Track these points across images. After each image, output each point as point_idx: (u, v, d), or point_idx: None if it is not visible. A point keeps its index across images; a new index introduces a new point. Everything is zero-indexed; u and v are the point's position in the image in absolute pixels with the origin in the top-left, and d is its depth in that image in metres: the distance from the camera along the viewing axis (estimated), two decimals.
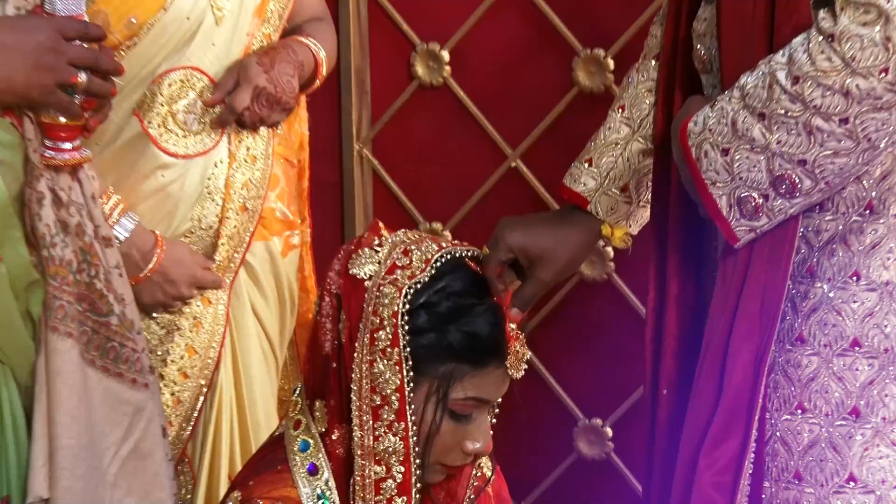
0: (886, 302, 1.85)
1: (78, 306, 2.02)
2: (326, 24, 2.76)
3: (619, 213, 2.17)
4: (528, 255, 2.12)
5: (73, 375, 2.00)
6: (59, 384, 1.98)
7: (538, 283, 2.14)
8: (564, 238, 2.15)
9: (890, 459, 1.86)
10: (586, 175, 2.17)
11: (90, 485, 2.02)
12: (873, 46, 1.69)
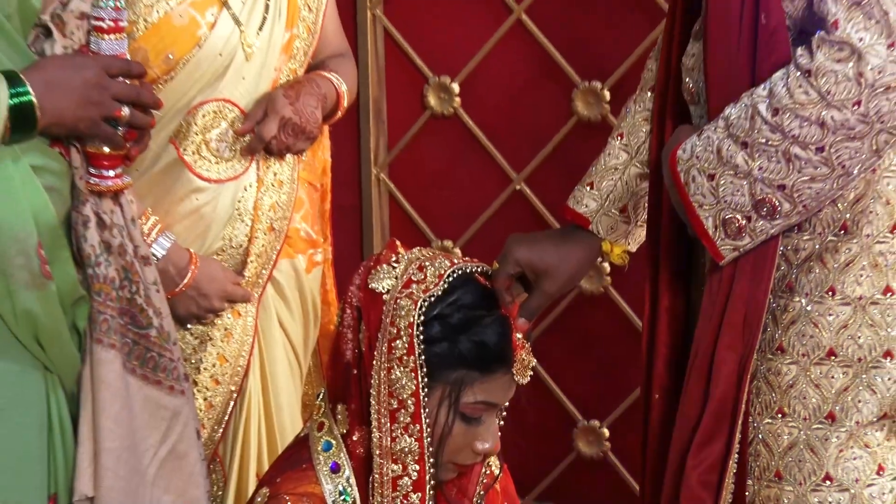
0: (859, 315, 1.85)
1: (120, 320, 2.01)
2: (348, 60, 2.75)
3: (619, 232, 2.17)
4: (534, 269, 2.12)
5: (116, 383, 2.00)
6: (104, 391, 1.98)
7: (543, 295, 2.14)
8: (567, 254, 2.15)
9: (863, 460, 1.87)
10: (588, 197, 2.17)
11: (131, 484, 2.01)
12: (847, 81, 1.70)
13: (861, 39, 1.69)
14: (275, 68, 2.56)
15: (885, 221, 1.84)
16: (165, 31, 2.42)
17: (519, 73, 3.24)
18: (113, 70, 1.92)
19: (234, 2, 2.48)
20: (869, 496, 1.88)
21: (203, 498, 2.14)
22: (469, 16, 3.25)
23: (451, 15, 3.26)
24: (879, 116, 1.72)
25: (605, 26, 3.13)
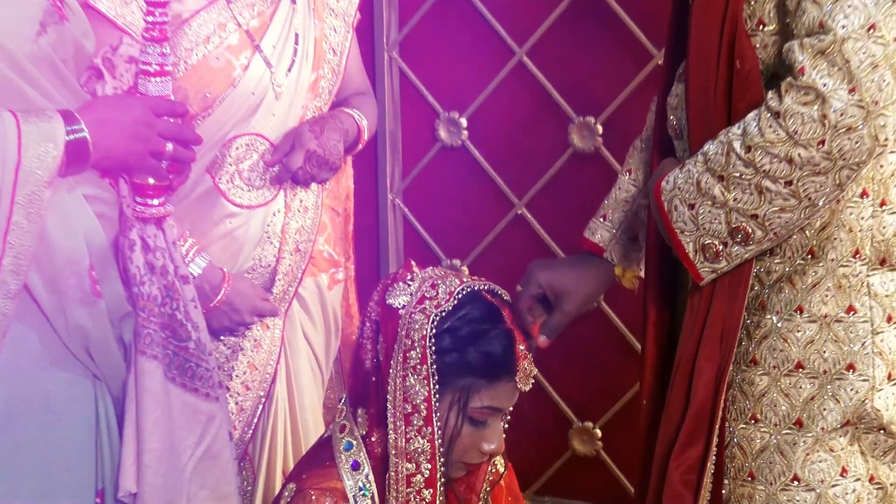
0: (825, 331, 1.85)
1: (162, 333, 2.01)
2: (368, 98, 2.75)
3: (630, 259, 2.18)
4: (555, 291, 2.13)
5: (158, 391, 2.00)
6: (146, 398, 1.99)
7: (564, 314, 2.15)
8: (584, 278, 2.16)
9: (828, 463, 1.86)
10: (602, 229, 2.17)
11: (169, 481, 2.01)
12: (812, 122, 1.70)
13: (825, 85, 1.69)
14: (302, 106, 2.55)
15: (848, 247, 1.84)
16: (203, 72, 2.42)
17: (520, 109, 3.23)
18: (159, 110, 1.92)
19: (266, 46, 2.48)
20: (833, 495, 1.87)
21: (234, 493, 2.14)
22: (475, 57, 3.24)
23: (459, 56, 3.26)
24: (842, 154, 1.72)
25: (597, 67, 3.12)
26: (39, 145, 1.79)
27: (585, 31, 3.11)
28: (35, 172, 1.78)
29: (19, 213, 1.78)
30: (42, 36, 1.85)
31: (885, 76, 1.68)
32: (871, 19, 1.68)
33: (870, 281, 1.84)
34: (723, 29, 1.82)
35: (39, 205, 1.79)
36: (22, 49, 1.82)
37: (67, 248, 1.86)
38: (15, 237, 1.78)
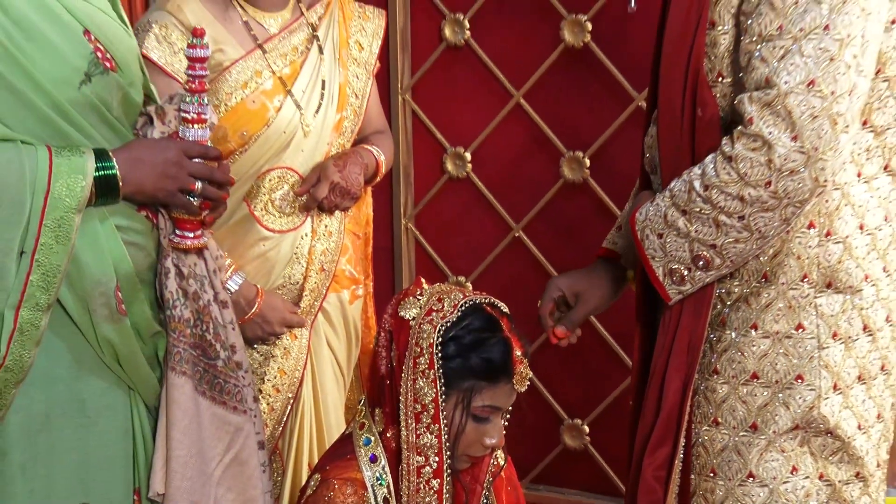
0: (777, 346, 1.85)
1: (192, 352, 1.99)
2: (386, 136, 2.74)
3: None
4: (575, 292, 2.14)
5: (186, 403, 1.98)
6: (174, 409, 1.96)
7: (584, 309, 2.15)
8: (598, 281, 2.16)
9: (779, 462, 1.87)
10: (619, 237, 2.16)
11: (196, 484, 1.99)
12: (760, 166, 1.71)
13: (770, 133, 1.70)
14: (327, 143, 2.56)
15: (796, 272, 1.84)
16: (241, 113, 2.44)
17: (517, 144, 3.22)
18: (192, 152, 1.91)
19: (296, 91, 2.49)
20: (784, 491, 1.87)
21: (259, 498, 2.10)
22: (478, 99, 3.23)
23: (464, 98, 3.25)
24: (786, 194, 1.72)
25: (585, 108, 3.11)
26: (69, 176, 1.77)
27: (575, 77, 3.10)
28: (64, 200, 1.77)
29: (47, 235, 1.76)
30: (86, 85, 1.85)
31: (823, 125, 1.68)
32: (810, 76, 1.68)
33: (817, 302, 1.84)
34: (686, 80, 1.83)
35: (68, 228, 1.78)
36: (65, 95, 1.82)
37: (96, 271, 1.84)
38: (43, 256, 1.76)
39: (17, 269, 1.75)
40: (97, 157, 1.82)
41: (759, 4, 1.73)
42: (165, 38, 2.40)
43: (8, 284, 1.75)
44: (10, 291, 1.75)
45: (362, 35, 2.65)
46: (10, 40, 1.76)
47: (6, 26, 1.76)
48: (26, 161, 1.75)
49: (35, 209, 1.75)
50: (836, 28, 1.68)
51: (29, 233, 1.75)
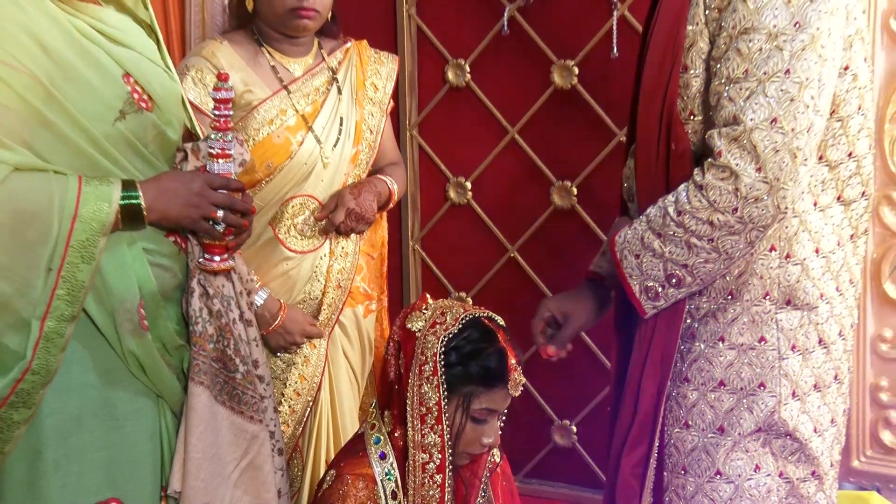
0: (742, 357, 1.85)
1: (213, 364, 1.98)
2: (399, 167, 2.74)
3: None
4: (563, 313, 2.11)
5: (202, 411, 1.96)
6: (192, 416, 1.95)
7: (572, 329, 2.11)
8: (585, 302, 2.13)
9: (743, 461, 1.86)
10: (604, 261, 2.14)
11: (210, 485, 1.97)
12: (727, 194, 1.71)
13: (737, 165, 1.70)
14: (344, 173, 2.57)
15: (759, 290, 1.84)
16: (267, 146, 2.45)
17: (512, 175, 3.21)
18: (215, 184, 1.90)
19: (317, 127, 2.50)
20: (747, 487, 1.87)
21: (273, 500, 2.08)
22: (478, 134, 3.23)
23: (465, 134, 3.24)
24: (751, 219, 1.72)
25: (573, 142, 3.11)
26: (96, 203, 1.77)
27: (563, 115, 3.10)
28: (90, 224, 1.76)
29: (73, 255, 1.75)
30: (120, 121, 1.85)
31: (784, 158, 1.69)
32: (773, 114, 1.69)
33: (777, 317, 1.84)
34: (661, 118, 1.83)
35: (93, 249, 1.77)
36: (99, 129, 1.82)
37: (122, 289, 1.84)
38: (69, 272, 1.75)
39: (43, 283, 1.74)
40: (124, 187, 1.81)
41: (728, 51, 1.74)
42: (200, 80, 2.42)
43: (35, 297, 1.74)
44: (37, 303, 1.75)
45: (377, 77, 2.66)
46: (50, 80, 1.77)
47: (47, 67, 1.77)
48: (56, 188, 1.75)
49: (62, 231, 1.74)
50: (796, 72, 1.69)
51: (56, 252, 1.74)
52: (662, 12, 1.83)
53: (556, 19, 3.04)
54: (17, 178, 1.72)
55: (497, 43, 3.12)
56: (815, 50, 1.70)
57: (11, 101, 1.73)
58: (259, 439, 2.05)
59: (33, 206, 1.73)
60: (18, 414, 1.77)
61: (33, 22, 1.77)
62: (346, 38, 2.65)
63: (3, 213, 1.70)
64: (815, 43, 1.70)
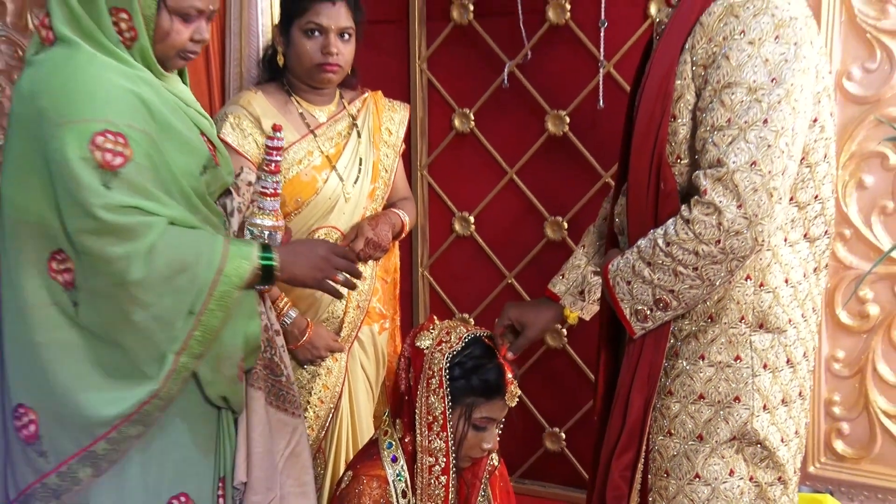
0: (719, 373, 1.84)
1: (264, 371, 2.00)
2: (410, 202, 2.74)
3: (577, 305, 2.17)
4: (520, 322, 2.14)
5: (260, 411, 1.98)
6: (253, 417, 1.97)
7: (526, 338, 2.14)
8: (542, 314, 2.16)
9: (720, 466, 1.85)
10: (560, 283, 2.18)
11: (268, 474, 1.99)
12: (712, 227, 1.71)
13: (721, 202, 1.70)
14: (363, 207, 2.57)
15: (736, 315, 1.83)
16: (296, 184, 2.45)
17: (511, 210, 3.21)
18: (338, 252, 1.95)
19: (340, 166, 2.50)
20: (723, 489, 1.86)
21: (311, 482, 2.10)
22: (480, 175, 3.23)
23: (469, 173, 3.25)
24: (732, 250, 1.72)
25: (564, 182, 3.10)
26: (238, 260, 1.80)
27: (556, 158, 3.10)
28: (231, 278, 1.79)
29: (213, 303, 1.77)
30: (203, 175, 1.87)
31: (762, 197, 1.69)
32: (752, 158, 1.69)
33: (752, 339, 1.84)
34: (652, 161, 1.83)
35: (229, 300, 1.79)
36: (190, 183, 1.84)
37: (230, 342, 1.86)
38: (206, 317, 1.78)
39: (183, 324, 1.76)
40: (262, 249, 1.85)
41: (712, 102, 1.74)
42: (238, 125, 2.42)
43: (174, 334, 1.76)
44: (175, 340, 1.77)
45: (391, 123, 2.66)
46: (158, 139, 1.77)
47: (154, 128, 1.77)
48: (205, 244, 1.78)
49: (206, 282, 1.77)
50: (773, 122, 1.69)
51: (198, 299, 1.76)
52: (653, 69, 1.84)
53: (550, 74, 3.06)
54: (173, 232, 1.75)
55: (498, 94, 3.13)
56: (789, 103, 1.70)
57: (145, 161, 1.74)
58: (299, 431, 2.06)
59: (186, 257, 1.75)
60: (135, 429, 1.79)
61: (139, 88, 1.77)
62: (363, 88, 2.66)
63: (160, 262, 1.72)
64: (790, 97, 1.70)
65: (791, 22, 1.72)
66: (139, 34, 1.78)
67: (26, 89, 1.73)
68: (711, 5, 1.78)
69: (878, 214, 2.65)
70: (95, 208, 1.66)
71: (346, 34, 2.44)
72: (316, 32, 2.41)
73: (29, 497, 1.82)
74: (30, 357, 1.76)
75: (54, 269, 1.74)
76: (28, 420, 1.79)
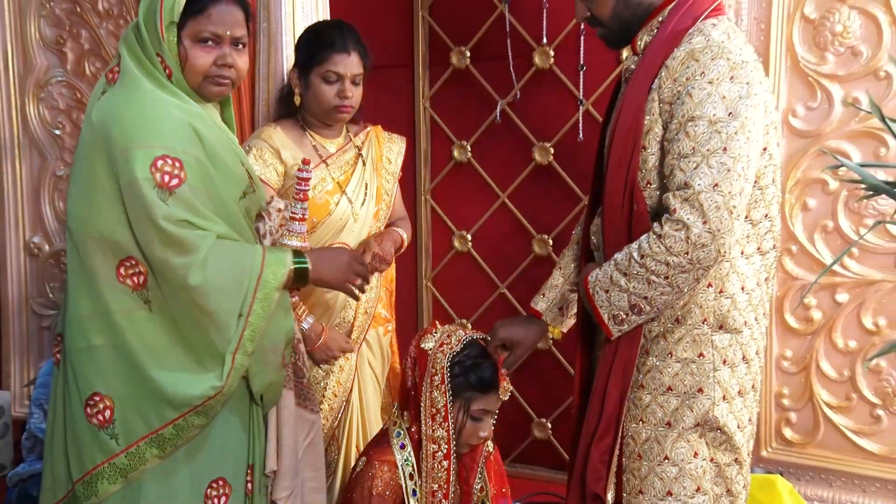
0: (685, 368, 1.84)
1: (293, 373, 2.01)
2: (406, 221, 2.72)
3: (557, 321, 2.16)
4: (510, 341, 2.12)
5: (291, 408, 2.00)
6: (284, 413, 1.99)
7: (515, 356, 2.14)
8: (529, 332, 2.15)
9: (685, 449, 1.85)
10: (541, 301, 2.16)
11: (294, 462, 2.00)
12: (680, 241, 1.71)
13: (688, 219, 1.71)
14: (369, 226, 2.56)
15: (699, 317, 1.83)
16: (312, 206, 2.43)
17: (503, 229, 3.21)
18: (357, 259, 1.99)
19: (349, 191, 2.51)
20: (689, 469, 1.85)
21: (323, 468, 2.12)
22: (477, 197, 3.23)
23: (466, 198, 3.24)
24: (698, 260, 1.73)
25: (549, 205, 3.10)
26: (275, 266, 1.82)
27: (542, 184, 3.10)
28: (269, 282, 1.80)
29: (257, 304, 1.79)
30: (243, 199, 1.89)
31: (724, 215, 1.70)
32: (714, 180, 1.70)
33: (713, 338, 1.84)
34: (625, 187, 1.83)
35: (270, 301, 1.81)
36: (231, 206, 1.85)
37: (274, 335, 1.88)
38: (253, 318, 1.79)
39: (235, 326, 1.78)
40: (295, 255, 1.87)
41: (678, 133, 1.75)
42: (260, 156, 2.44)
43: (229, 336, 1.78)
44: (231, 341, 1.78)
45: (391, 153, 2.66)
46: (207, 164, 1.79)
47: (204, 154, 1.79)
48: (247, 254, 1.81)
49: (251, 286, 1.78)
50: (731, 150, 1.70)
51: (245, 302, 1.78)
52: (625, 107, 1.84)
53: (536, 111, 3.06)
54: (221, 245, 1.77)
55: (491, 129, 3.13)
56: (744, 133, 1.71)
57: (198, 184, 1.76)
58: (316, 425, 2.07)
59: (233, 266, 1.78)
60: (199, 420, 1.81)
61: (193, 120, 1.79)
62: (365, 123, 2.66)
63: (212, 270, 1.74)
64: (745, 128, 1.72)
65: (743, 65, 1.74)
66: (173, 69, 1.81)
67: (96, 119, 1.77)
68: (675, 51, 1.80)
69: (820, 232, 2.67)
70: (158, 219, 1.70)
71: (357, 80, 2.47)
72: (333, 79, 2.43)
73: (95, 477, 1.82)
74: (111, 350, 1.79)
75: (122, 275, 1.77)
76: (104, 406, 1.80)
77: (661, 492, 1.85)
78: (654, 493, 1.86)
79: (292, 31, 2.72)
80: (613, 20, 1.89)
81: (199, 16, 1.80)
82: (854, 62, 2.56)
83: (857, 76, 2.56)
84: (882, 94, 2.53)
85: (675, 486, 1.84)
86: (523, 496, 2.93)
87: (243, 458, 1.93)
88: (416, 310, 3.35)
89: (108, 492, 1.81)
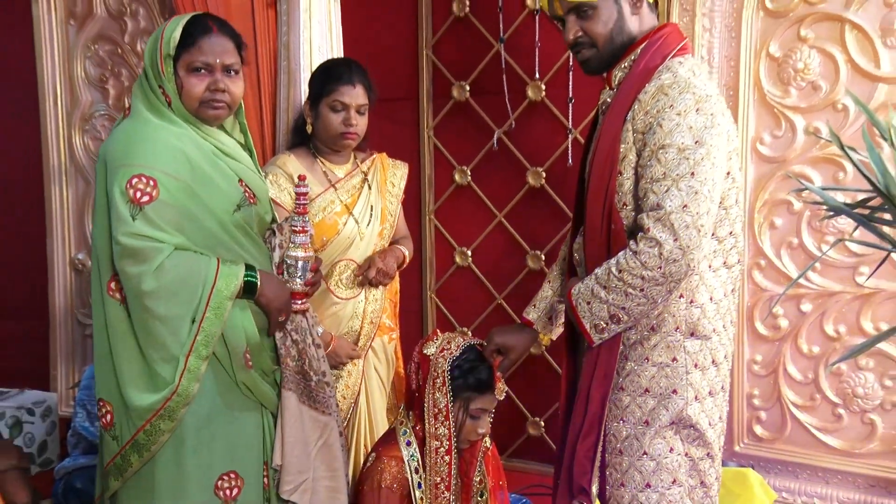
0: (660, 372, 1.84)
1: (296, 376, 2.01)
2: (408, 239, 2.71)
3: (547, 329, 2.15)
4: (504, 347, 2.11)
5: (292, 408, 1.99)
6: (286, 413, 1.99)
7: (510, 361, 2.12)
8: (521, 340, 2.13)
9: (662, 445, 1.84)
10: (532, 311, 2.15)
11: (300, 459, 1.99)
12: (654, 257, 1.72)
13: (661, 237, 1.71)
14: (374, 244, 2.56)
15: (672, 325, 1.83)
16: (322, 226, 2.45)
17: (499, 246, 3.20)
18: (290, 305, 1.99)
19: (356, 212, 2.51)
20: (665, 463, 1.85)
21: (341, 468, 2.09)
22: (476, 216, 3.22)
23: (467, 217, 3.24)
24: (670, 274, 1.73)
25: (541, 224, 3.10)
26: (227, 278, 1.82)
27: (535, 205, 3.10)
28: (222, 291, 1.81)
29: (210, 312, 1.79)
30: (237, 212, 1.89)
31: (692, 233, 1.70)
32: (684, 202, 1.70)
33: (685, 344, 1.84)
34: (604, 208, 1.84)
35: (223, 310, 1.81)
36: (225, 218, 1.86)
37: (234, 339, 1.87)
38: (206, 324, 1.79)
39: (188, 330, 1.78)
40: (247, 268, 1.87)
41: (650, 160, 1.75)
42: (276, 182, 2.45)
43: (182, 340, 1.78)
44: (184, 344, 1.78)
45: (394, 178, 2.66)
46: (194, 185, 1.82)
47: (192, 176, 1.82)
48: (202, 265, 1.80)
49: (204, 294, 1.79)
50: (698, 174, 1.71)
51: (199, 308, 1.78)
52: (602, 137, 1.85)
53: (530, 139, 3.07)
54: (177, 256, 1.78)
55: (489, 155, 3.14)
56: (709, 159, 1.72)
57: (171, 200, 1.79)
58: (330, 426, 2.06)
59: (187, 275, 1.78)
60: (164, 424, 1.81)
61: (184, 144, 1.83)
62: (371, 150, 2.67)
63: (167, 278, 1.75)
64: (710, 155, 1.72)
65: (708, 98, 1.75)
66: (172, 98, 1.86)
67: (102, 148, 1.85)
68: (646, 86, 1.81)
69: (786, 248, 2.67)
70: (119, 234, 1.75)
71: (362, 110, 2.48)
72: (340, 108, 2.44)
73: (106, 473, 1.89)
74: (110, 360, 1.84)
75: (112, 289, 1.81)
76: (106, 410, 1.86)
77: (640, 484, 1.85)
78: (635, 486, 1.85)
79: (310, 69, 2.75)
80: (607, 44, 1.87)
81: (192, 48, 1.85)
82: (814, 95, 2.58)
83: (817, 108, 2.58)
84: (840, 124, 2.55)
85: (654, 479, 1.84)
86: (519, 488, 2.91)
87: (257, 453, 1.95)
88: (421, 319, 3.34)
89: (114, 488, 1.90)
